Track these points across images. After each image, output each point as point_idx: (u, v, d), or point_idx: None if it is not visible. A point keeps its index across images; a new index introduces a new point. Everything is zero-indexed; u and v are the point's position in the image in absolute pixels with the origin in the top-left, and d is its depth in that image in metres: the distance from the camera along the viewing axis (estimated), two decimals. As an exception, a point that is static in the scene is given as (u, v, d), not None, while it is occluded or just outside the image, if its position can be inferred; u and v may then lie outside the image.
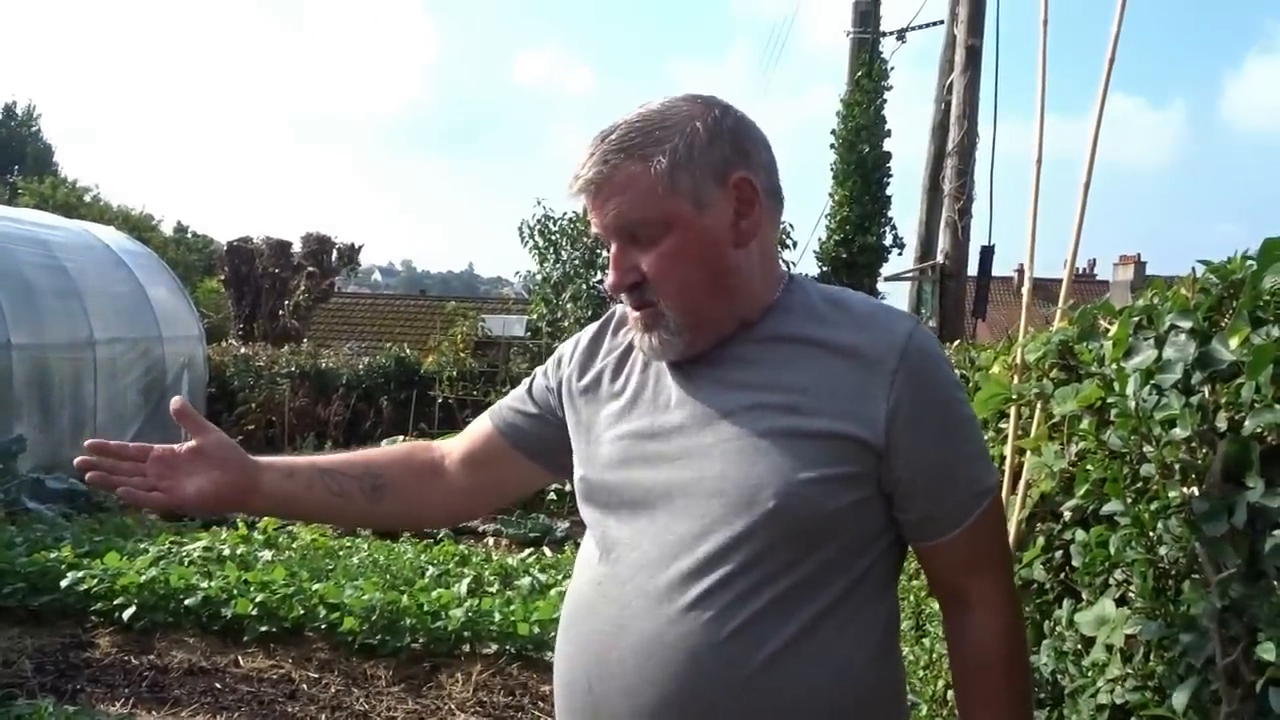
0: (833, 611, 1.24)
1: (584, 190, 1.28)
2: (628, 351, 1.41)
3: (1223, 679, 1.15)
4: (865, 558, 1.28)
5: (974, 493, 1.28)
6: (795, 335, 1.30)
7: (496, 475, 1.58)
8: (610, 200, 1.26)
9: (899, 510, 1.28)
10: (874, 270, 12.07)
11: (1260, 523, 1.08)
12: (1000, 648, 1.30)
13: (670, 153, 1.25)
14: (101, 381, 10.16)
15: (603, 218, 1.28)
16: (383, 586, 4.84)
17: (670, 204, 1.25)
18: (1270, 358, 1.04)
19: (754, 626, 1.20)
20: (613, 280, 1.30)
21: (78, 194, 33.67)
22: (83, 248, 11.01)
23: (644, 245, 1.27)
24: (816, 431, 1.23)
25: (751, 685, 1.20)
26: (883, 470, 1.24)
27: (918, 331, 1.28)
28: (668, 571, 1.23)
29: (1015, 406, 2.02)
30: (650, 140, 1.26)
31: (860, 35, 11.91)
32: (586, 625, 1.31)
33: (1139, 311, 1.39)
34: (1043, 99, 2.15)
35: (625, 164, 1.25)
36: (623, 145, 1.26)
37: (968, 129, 7.77)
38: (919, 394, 1.24)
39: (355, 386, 13.54)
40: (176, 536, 6.26)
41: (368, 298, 30.04)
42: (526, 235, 13.55)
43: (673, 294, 1.27)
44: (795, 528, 1.21)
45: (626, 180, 1.25)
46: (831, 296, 1.35)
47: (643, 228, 1.26)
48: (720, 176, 1.27)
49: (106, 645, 4.49)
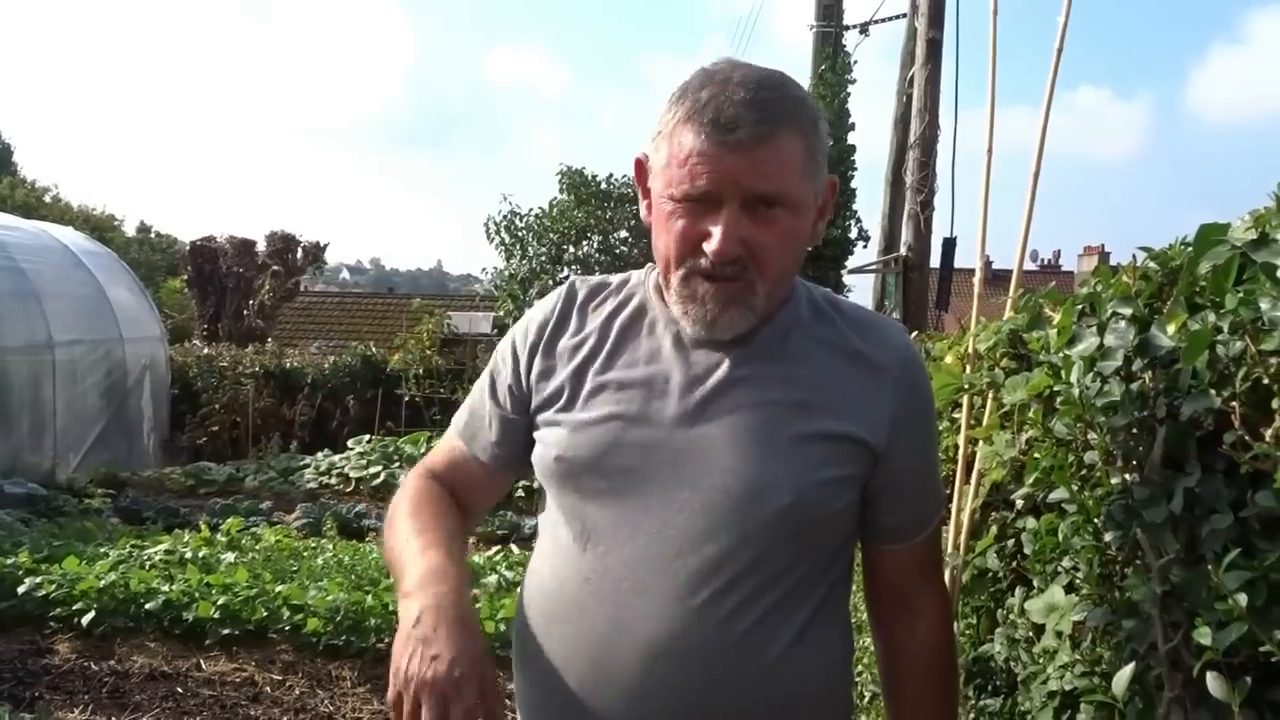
0: (820, 611, 1.26)
1: (740, 144, 1.13)
2: (617, 323, 1.32)
3: (1165, 663, 1.15)
4: (842, 558, 1.31)
5: (939, 500, 1.35)
6: (805, 332, 1.29)
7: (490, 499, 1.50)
8: (766, 165, 1.14)
9: (879, 512, 1.30)
10: (840, 263, 12.14)
11: (1198, 508, 1.08)
12: (944, 652, 1.37)
13: (823, 133, 1.21)
14: (61, 384, 10.02)
15: (741, 178, 1.14)
16: (347, 587, 4.80)
17: (805, 188, 1.20)
18: (1205, 344, 1.04)
19: (762, 628, 1.20)
20: (719, 247, 1.15)
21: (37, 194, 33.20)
22: (41, 249, 10.86)
23: (759, 219, 1.16)
24: (829, 433, 1.22)
25: (759, 687, 1.20)
26: (875, 473, 1.26)
27: (911, 341, 1.33)
28: (673, 569, 1.19)
29: (968, 396, 2.03)
30: (808, 115, 1.19)
31: (824, 29, 11.96)
32: (576, 624, 1.24)
33: (1082, 299, 1.40)
34: (993, 91, 2.16)
35: (790, 134, 1.16)
36: (784, 111, 1.16)
37: (929, 121, 7.81)
38: (915, 403, 1.28)
39: (321, 386, 13.46)
40: (138, 540, 6.18)
41: (334, 296, 29.80)
42: (493, 232, 13.53)
43: (772, 275, 1.20)
44: (802, 527, 1.21)
45: (790, 151, 1.16)
46: (828, 298, 1.35)
47: (773, 202, 1.16)
48: (823, 172, 1.24)
49: (66, 651, 4.42)
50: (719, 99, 1.14)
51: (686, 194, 1.16)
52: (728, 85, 1.15)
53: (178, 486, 9.80)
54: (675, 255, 1.20)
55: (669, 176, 1.18)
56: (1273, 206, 1.09)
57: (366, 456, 10.23)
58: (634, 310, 1.33)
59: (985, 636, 1.93)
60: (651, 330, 1.30)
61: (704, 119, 1.14)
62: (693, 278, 1.20)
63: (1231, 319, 1.01)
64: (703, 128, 1.14)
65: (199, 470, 10.26)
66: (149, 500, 8.80)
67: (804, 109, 1.19)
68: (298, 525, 7.54)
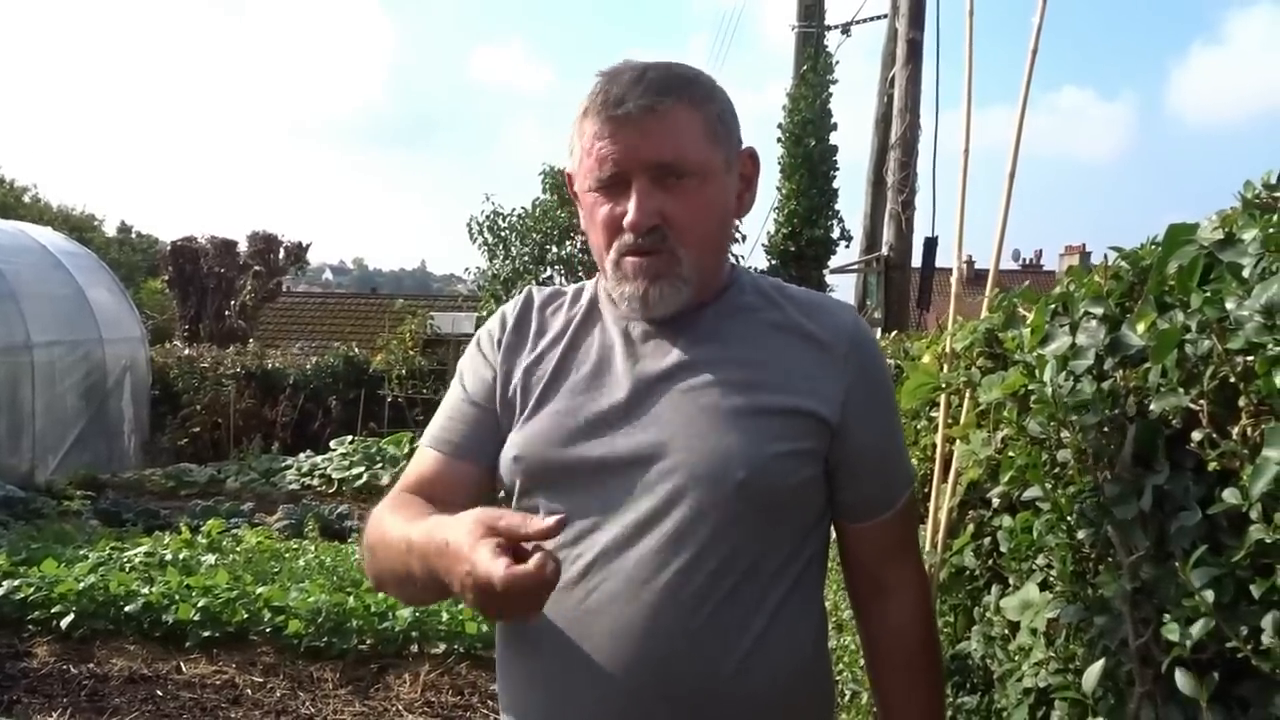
0: (795, 592, 1.27)
1: (630, 118, 1.21)
2: (570, 326, 1.36)
3: (1136, 660, 1.16)
4: (811, 541, 1.31)
5: (904, 477, 1.36)
6: (751, 315, 1.33)
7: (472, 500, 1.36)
8: (659, 135, 1.21)
9: (840, 489, 1.31)
10: (822, 262, 12.15)
11: (1168, 505, 1.09)
12: (920, 629, 1.37)
13: (722, 105, 1.28)
14: (40, 386, 9.95)
15: (639, 151, 1.21)
16: (329, 588, 4.78)
17: (713, 155, 1.26)
18: (1174, 342, 1.05)
19: (730, 606, 1.21)
20: (634, 219, 1.22)
21: (15, 194, 32.91)
22: (19, 249, 10.78)
23: (671, 190, 1.23)
24: (780, 407, 1.25)
25: (727, 664, 1.21)
26: (833, 447, 1.28)
27: (860, 320, 1.36)
28: (636, 552, 1.21)
29: (945, 395, 2.04)
30: (698, 88, 1.26)
31: (805, 29, 11.98)
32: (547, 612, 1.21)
33: (1055, 299, 1.41)
34: (969, 95, 2.18)
35: (681, 104, 1.23)
36: (672, 87, 1.23)
37: (910, 122, 7.84)
38: (867, 379, 1.30)
39: (303, 387, 13.40)
40: (117, 542, 6.15)
41: (317, 296, 29.63)
42: (476, 231, 13.48)
43: (694, 243, 1.25)
44: (760, 501, 1.22)
45: (682, 120, 1.23)
46: (774, 284, 1.39)
47: (682, 170, 1.22)
48: (740, 144, 1.32)
49: (44, 654, 4.39)
50: (608, 87, 1.23)
51: (599, 179, 1.24)
52: (618, 76, 1.24)
53: (158, 488, 9.75)
54: (603, 241, 1.27)
55: (584, 171, 1.27)
56: (1239, 207, 1.10)
57: (349, 457, 10.21)
58: (585, 312, 1.38)
59: (963, 634, 1.94)
60: (602, 329, 1.35)
61: (597, 105, 1.23)
62: (622, 260, 1.26)
63: (1199, 318, 1.03)
64: (597, 113, 1.23)
65: (180, 472, 10.21)
66: (129, 502, 8.75)
67: (694, 84, 1.26)
68: (279, 527, 7.51)
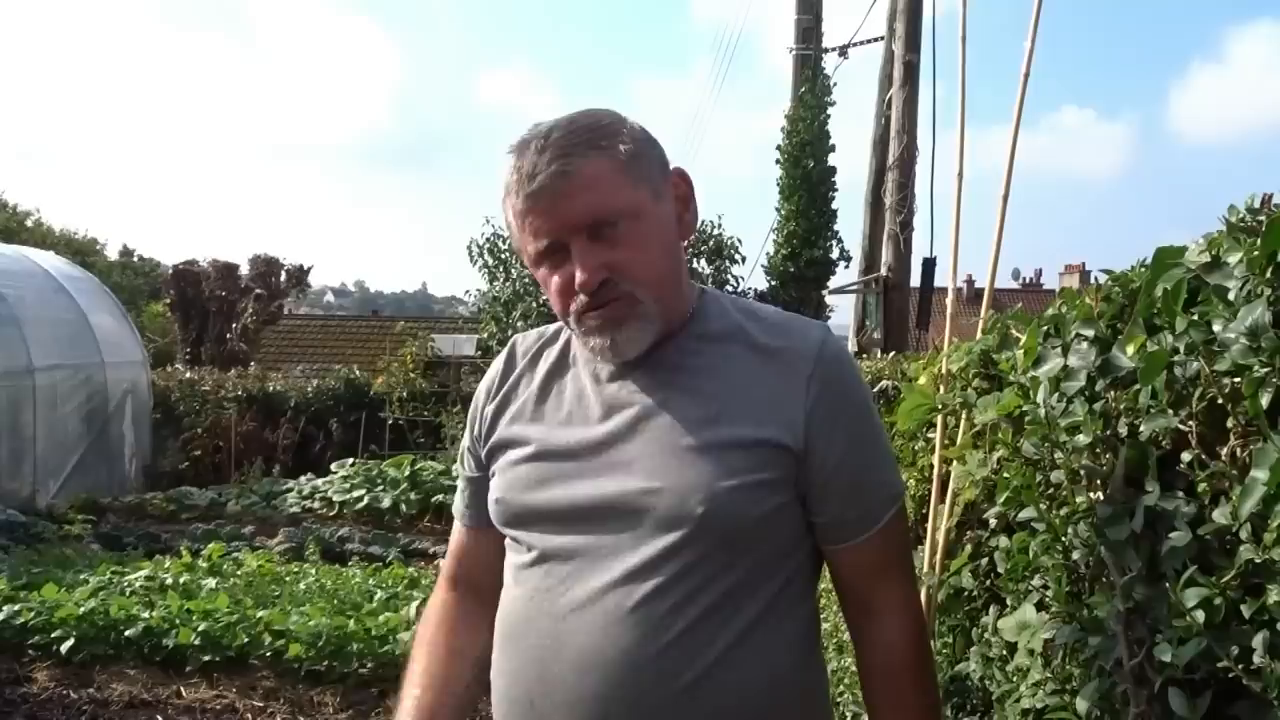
0: (762, 619, 1.26)
1: (545, 189, 1.23)
2: (547, 373, 1.41)
3: (1130, 680, 1.17)
4: (789, 564, 1.30)
5: (884, 496, 1.32)
6: (716, 344, 1.33)
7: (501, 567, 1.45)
8: (577, 195, 1.23)
9: (813, 513, 1.30)
10: (821, 283, 12.17)
11: (1159, 525, 1.10)
12: (907, 652, 1.33)
13: (628, 142, 1.27)
14: (41, 410, 9.94)
15: (565, 217, 1.23)
16: (330, 612, 4.77)
17: (636, 193, 1.26)
18: (1163, 364, 1.06)
19: (690, 636, 1.21)
20: (582, 279, 1.24)
21: (18, 218, 32.92)
22: (21, 274, 10.79)
23: (608, 240, 1.24)
24: (740, 439, 1.25)
25: (689, 696, 1.21)
26: (800, 473, 1.27)
27: (830, 337, 1.33)
28: (601, 582, 1.24)
29: (941, 416, 2.05)
30: (601, 134, 1.26)
31: (803, 52, 12.04)
32: (525, 641, 1.30)
33: (1047, 321, 1.43)
34: (963, 115, 2.20)
35: (589, 157, 1.23)
36: (575, 142, 1.24)
37: (907, 143, 7.89)
38: (834, 397, 1.28)
39: (304, 409, 13.39)
40: (118, 566, 6.13)
41: (318, 319, 29.67)
42: (476, 254, 13.52)
43: (647, 280, 1.26)
44: (724, 535, 1.23)
45: (594, 173, 1.23)
46: (744, 306, 1.40)
47: (612, 220, 1.24)
48: (665, 169, 1.33)
49: (44, 679, 4.37)
50: (519, 164, 1.26)
51: (539, 250, 1.28)
52: (525, 150, 1.26)
53: (159, 512, 9.72)
54: (561, 306, 1.30)
55: (524, 245, 1.30)
56: (1225, 230, 1.11)
57: (350, 480, 10.17)
58: (558, 357, 1.42)
59: (961, 655, 1.94)
60: (575, 375, 1.39)
61: (514, 185, 1.26)
62: (583, 317, 1.29)
63: (1186, 340, 1.04)
64: (517, 192, 1.26)
65: (181, 495, 10.18)
66: (130, 526, 8.72)
67: (597, 130, 1.27)
68: (280, 550, 7.48)
